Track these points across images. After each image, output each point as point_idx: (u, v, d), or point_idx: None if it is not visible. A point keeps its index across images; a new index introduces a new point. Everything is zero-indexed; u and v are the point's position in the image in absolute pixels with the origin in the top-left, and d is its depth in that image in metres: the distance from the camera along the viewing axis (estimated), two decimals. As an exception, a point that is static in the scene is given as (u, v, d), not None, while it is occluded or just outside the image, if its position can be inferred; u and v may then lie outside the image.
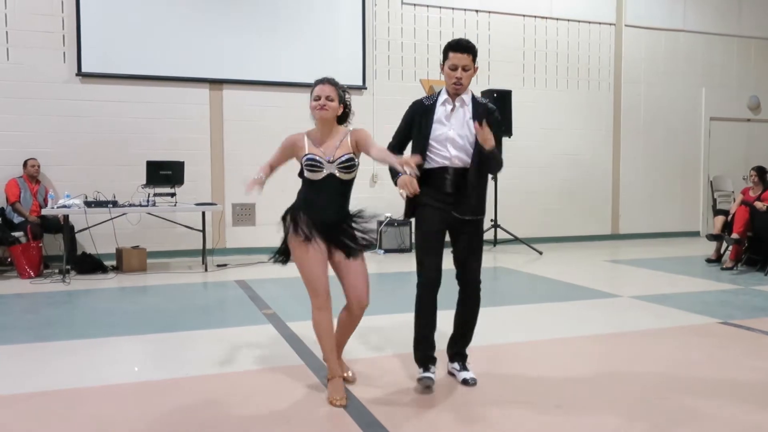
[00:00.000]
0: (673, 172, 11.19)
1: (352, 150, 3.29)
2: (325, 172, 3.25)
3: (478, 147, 3.34)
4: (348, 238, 3.31)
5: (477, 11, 9.80)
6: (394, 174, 3.38)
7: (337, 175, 3.27)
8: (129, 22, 8.15)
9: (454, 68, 3.37)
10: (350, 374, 3.55)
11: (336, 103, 3.28)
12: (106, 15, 8.07)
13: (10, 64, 7.79)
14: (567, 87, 10.43)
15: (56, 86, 7.97)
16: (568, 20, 10.35)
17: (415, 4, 9.51)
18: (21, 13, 7.81)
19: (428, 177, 3.38)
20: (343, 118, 3.39)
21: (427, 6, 9.57)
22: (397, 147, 3.56)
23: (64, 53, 8.01)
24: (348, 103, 3.41)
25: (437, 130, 3.40)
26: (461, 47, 3.38)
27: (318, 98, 3.25)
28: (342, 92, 3.35)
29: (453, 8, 9.68)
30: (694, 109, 11.29)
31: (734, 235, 7.48)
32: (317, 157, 3.25)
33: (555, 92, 10.35)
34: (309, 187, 3.32)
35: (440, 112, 3.42)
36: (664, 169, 11.10)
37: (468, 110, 3.42)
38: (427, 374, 3.41)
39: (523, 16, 10.07)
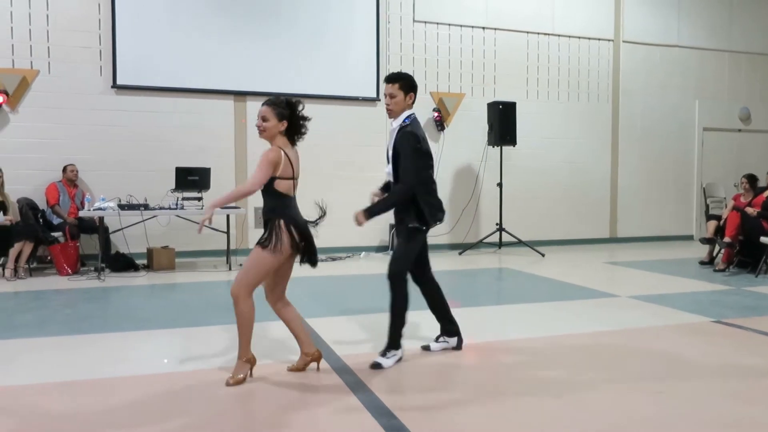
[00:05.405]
0: (668, 179, 11.10)
1: None
2: None
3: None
4: None
5: (484, 28, 9.77)
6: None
7: None
8: (160, 38, 8.22)
9: (385, 96, 3.70)
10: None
11: (272, 122, 3.28)
12: (139, 32, 8.14)
13: (51, 77, 7.87)
14: (568, 99, 10.38)
15: (93, 98, 8.04)
16: (569, 36, 10.30)
17: (425, 22, 9.50)
18: (61, 30, 7.89)
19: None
20: (291, 131, 3.37)
21: (437, 23, 9.56)
22: None
23: (100, 67, 8.08)
24: (299, 115, 3.35)
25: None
26: (386, 78, 3.72)
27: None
28: (283, 109, 3.29)
29: (461, 25, 9.66)
30: (688, 120, 11.20)
31: (726, 239, 7.41)
32: None
33: (557, 104, 10.30)
34: None
35: None
36: (659, 176, 11.01)
37: (394, 133, 3.65)
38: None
39: (527, 32, 10.03)
